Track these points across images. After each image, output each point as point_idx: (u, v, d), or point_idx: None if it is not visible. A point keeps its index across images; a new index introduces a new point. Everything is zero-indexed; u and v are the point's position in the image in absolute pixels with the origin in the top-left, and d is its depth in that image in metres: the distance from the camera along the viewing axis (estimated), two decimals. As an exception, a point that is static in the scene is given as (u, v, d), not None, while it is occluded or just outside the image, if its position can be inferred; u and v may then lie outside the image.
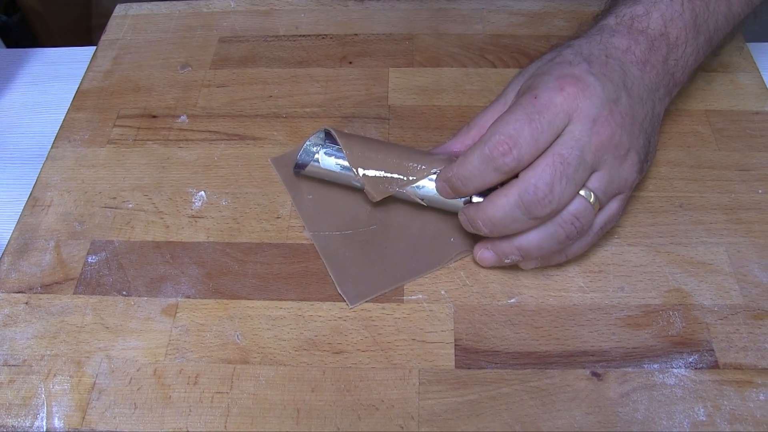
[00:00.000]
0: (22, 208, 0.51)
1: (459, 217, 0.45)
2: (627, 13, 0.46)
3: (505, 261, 0.45)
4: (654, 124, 0.46)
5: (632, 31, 0.45)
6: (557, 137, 0.41)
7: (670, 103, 0.49)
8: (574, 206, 0.41)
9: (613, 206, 0.44)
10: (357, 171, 0.47)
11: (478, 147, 0.42)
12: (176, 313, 0.45)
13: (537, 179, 0.40)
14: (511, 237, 0.43)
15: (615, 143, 0.42)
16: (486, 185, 0.43)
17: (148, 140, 0.56)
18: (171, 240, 0.49)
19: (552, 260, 0.45)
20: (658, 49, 0.45)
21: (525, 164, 0.41)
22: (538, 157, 0.41)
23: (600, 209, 0.43)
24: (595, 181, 0.42)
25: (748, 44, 0.60)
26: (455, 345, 0.43)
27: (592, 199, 0.42)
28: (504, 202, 0.41)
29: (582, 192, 0.41)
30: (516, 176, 0.42)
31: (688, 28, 0.46)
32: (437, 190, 0.46)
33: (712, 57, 0.52)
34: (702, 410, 0.40)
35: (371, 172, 0.47)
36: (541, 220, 0.42)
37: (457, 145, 0.47)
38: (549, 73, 0.43)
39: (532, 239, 0.43)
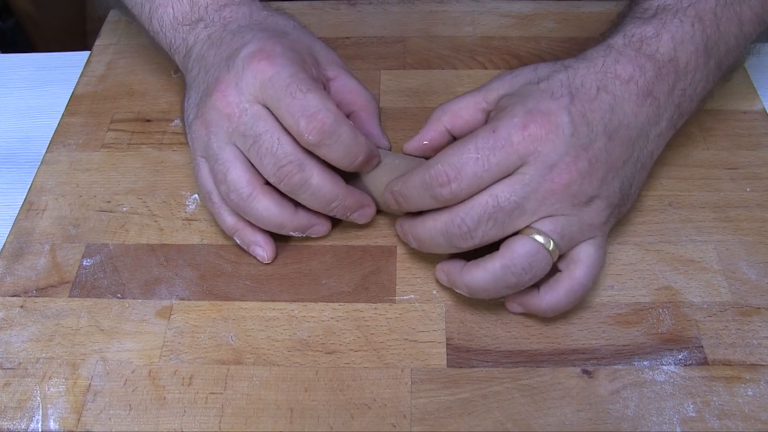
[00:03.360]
0: (17, 212, 0.52)
1: (396, 225, 0.46)
2: (636, 34, 0.43)
3: (458, 291, 0.44)
4: (639, 165, 0.43)
5: (639, 55, 0.42)
6: (507, 176, 0.40)
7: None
8: (525, 249, 0.40)
9: (589, 252, 0.42)
10: None
11: (422, 171, 0.41)
12: (170, 315, 0.46)
13: (465, 215, 0.40)
14: (461, 270, 0.42)
15: (572, 192, 0.40)
16: (424, 208, 0.42)
17: (142, 144, 0.56)
18: (165, 243, 0.49)
19: (536, 312, 0.44)
20: (665, 78, 0.43)
21: (462, 198, 0.40)
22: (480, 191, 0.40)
23: (561, 256, 0.42)
24: (549, 225, 0.40)
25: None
26: (447, 344, 0.44)
27: (551, 247, 0.40)
28: (431, 226, 0.42)
29: (539, 238, 0.40)
30: None
31: (699, 52, 0.43)
32: (386, 199, 0.45)
33: (722, 83, 0.48)
34: (691, 406, 0.41)
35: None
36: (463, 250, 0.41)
37: (430, 133, 0.47)
38: (523, 103, 0.41)
39: (478, 280, 0.41)
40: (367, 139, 0.44)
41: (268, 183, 0.45)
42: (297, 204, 0.46)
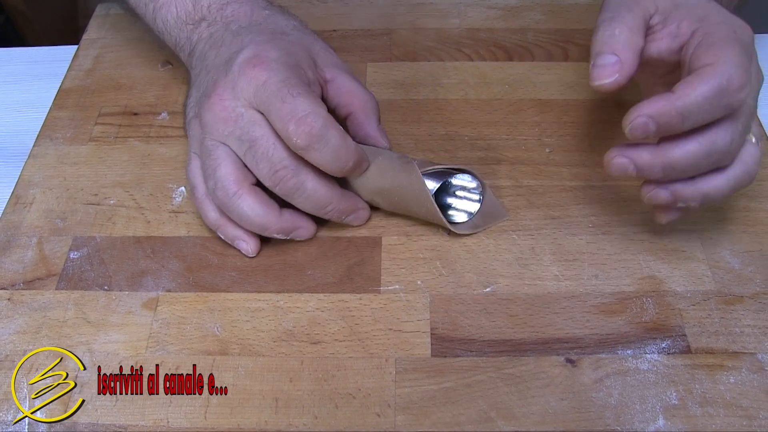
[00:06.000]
0: (5, 205, 0.52)
1: (617, 158, 0.41)
2: None
3: (679, 205, 0.43)
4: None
5: None
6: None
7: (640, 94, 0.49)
8: (753, 159, 0.42)
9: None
10: None
11: (708, 79, 0.38)
12: (157, 306, 0.46)
13: (734, 129, 0.39)
14: (693, 182, 0.41)
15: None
16: (701, 122, 0.39)
17: (129, 137, 0.56)
18: (152, 235, 0.49)
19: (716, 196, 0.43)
20: None
21: (747, 106, 0.39)
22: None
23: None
24: (755, 128, 0.42)
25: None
26: (431, 334, 0.44)
27: (754, 140, 0.42)
28: (696, 149, 0.39)
29: (755, 140, 0.42)
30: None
31: None
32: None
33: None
34: (674, 394, 0.41)
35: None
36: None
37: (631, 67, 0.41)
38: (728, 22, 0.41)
39: (721, 189, 0.41)
40: (358, 145, 0.45)
41: (256, 184, 0.45)
42: (283, 206, 0.46)
